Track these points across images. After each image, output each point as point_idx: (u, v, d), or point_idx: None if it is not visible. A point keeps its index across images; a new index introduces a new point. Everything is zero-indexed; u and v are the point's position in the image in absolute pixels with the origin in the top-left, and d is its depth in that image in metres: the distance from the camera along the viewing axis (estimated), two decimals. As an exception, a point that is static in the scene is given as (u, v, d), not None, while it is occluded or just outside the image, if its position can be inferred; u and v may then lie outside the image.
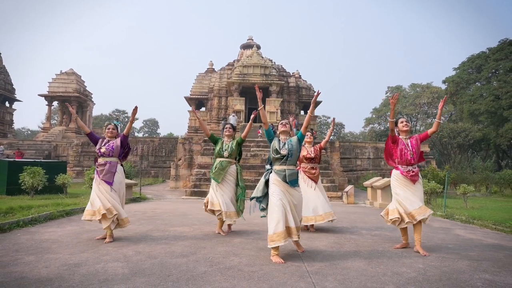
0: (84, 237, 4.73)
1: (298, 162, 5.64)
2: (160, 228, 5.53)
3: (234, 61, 33.58)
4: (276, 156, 3.90)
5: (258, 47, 33.88)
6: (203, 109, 34.41)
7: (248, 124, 5.35)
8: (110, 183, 4.67)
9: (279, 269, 3.28)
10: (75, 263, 3.39)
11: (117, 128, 4.98)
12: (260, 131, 21.03)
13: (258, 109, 4.16)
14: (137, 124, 67.02)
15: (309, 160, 5.65)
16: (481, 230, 6.26)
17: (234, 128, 5.60)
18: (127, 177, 12.66)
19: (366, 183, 11.15)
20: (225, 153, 5.26)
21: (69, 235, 4.92)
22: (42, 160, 13.57)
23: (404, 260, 3.70)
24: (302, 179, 5.55)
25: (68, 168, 16.88)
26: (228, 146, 5.30)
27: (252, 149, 15.19)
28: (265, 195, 3.99)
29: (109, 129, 4.87)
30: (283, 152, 3.85)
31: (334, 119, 6.40)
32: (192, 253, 3.87)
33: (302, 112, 32.77)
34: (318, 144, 5.91)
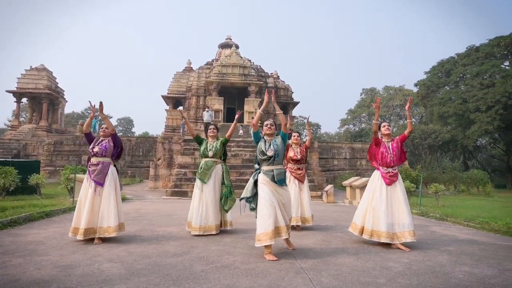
0: (70, 239, 4.64)
1: (285, 161, 5.79)
2: (148, 228, 5.51)
3: (212, 60, 33.44)
4: (263, 157, 4.00)
5: (237, 47, 33.86)
6: (180, 107, 34.07)
7: (233, 124, 5.44)
8: (100, 184, 4.60)
9: (274, 266, 3.39)
10: (68, 265, 3.35)
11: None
12: (243, 131, 21.14)
13: (259, 110, 4.23)
14: (111, 122, 65.27)
15: (296, 161, 5.80)
16: (454, 227, 6.62)
17: (217, 128, 5.66)
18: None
19: (345, 182, 11.47)
20: (210, 153, 5.32)
21: (54, 236, 4.82)
22: (15, 160, 13.06)
23: (389, 256, 3.89)
24: (288, 179, 5.69)
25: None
26: (213, 146, 5.36)
27: (232, 149, 15.23)
28: (255, 195, 4.08)
29: (102, 128, 4.82)
30: (270, 153, 3.95)
31: (308, 118, 6.66)
32: (185, 253, 3.91)
33: (279, 113, 33.11)
34: (304, 144, 6.05)
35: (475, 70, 27.78)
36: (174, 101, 32.97)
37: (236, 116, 5.43)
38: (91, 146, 4.74)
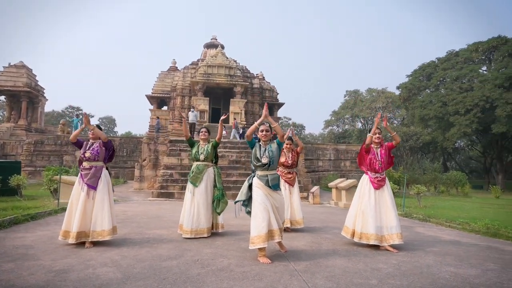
0: (60, 242, 4.59)
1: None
2: (138, 231, 5.49)
3: (198, 60, 33.28)
4: (257, 164, 4.04)
5: (222, 47, 33.78)
6: (165, 107, 33.77)
7: (220, 126, 5.46)
8: (93, 187, 4.57)
9: (269, 268, 3.45)
10: (62, 269, 3.33)
11: (100, 128, 4.85)
12: (226, 132, 21.17)
13: (256, 123, 4.16)
14: (93, 122, 64.01)
15: (287, 166, 5.91)
16: (437, 228, 6.85)
17: (209, 131, 5.65)
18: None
19: (331, 184, 11.65)
20: (201, 157, 5.34)
21: (42, 240, 4.74)
22: (-6, 160, 12.68)
23: (378, 257, 4.02)
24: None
25: (20, 168, 15.84)
26: (204, 149, 5.37)
27: (219, 149, 15.22)
28: (249, 198, 4.14)
29: (91, 131, 4.74)
30: (264, 161, 4.00)
31: (291, 130, 6.54)
32: (179, 256, 3.93)
33: (265, 113, 33.25)
34: (295, 149, 6.14)
35: (454, 74, 28.63)
36: (159, 100, 32.68)
37: (222, 118, 5.47)
38: (81, 151, 4.69)
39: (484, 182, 32.86)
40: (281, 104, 33.52)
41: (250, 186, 4.15)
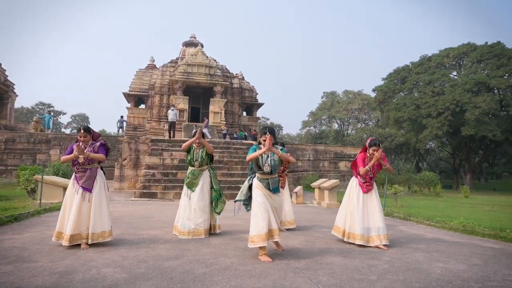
0: (52, 243, 4.51)
1: None
2: (131, 232, 5.46)
3: (177, 59, 32.90)
4: (259, 171, 4.09)
5: (202, 46, 33.55)
6: (142, 106, 33.19)
7: (205, 142, 5.38)
8: (89, 190, 4.50)
9: (271, 267, 3.57)
10: (64, 271, 3.31)
11: (89, 132, 4.66)
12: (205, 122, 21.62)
13: (259, 152, 4.04)
14: (65, 119, 62.07)
15: (278, 172, 6.06)
16: (417, 226, 7.19)
17: (204, 136, 5.61)
18: (65, 178, 11.85)
19: (314, 184, 11.91)
20: (196, 163, 5.35)
21: (34, 241, 4.65)
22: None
23: (371, 255, 4.22)
24: None
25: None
26: (199, 155, 5.35)
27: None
28: (249, 198, 4.24)
29: (80, 137, 4.53)
30: (266, 169, 4.02)
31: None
32: (180, 256, 3.98)
33: (244, 113, 33.32)
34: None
35: (427, 79, 29.78)
36: (136, 98, 32.07)
37: (204, 123, 5.49)
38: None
39: (453, 182, 34.36)
40: (261, 104, 33.70)
41: (250, 187, 4.24)
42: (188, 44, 35.79)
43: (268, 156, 4.08)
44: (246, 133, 28.34)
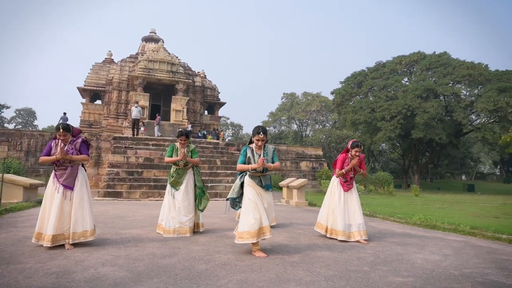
0: (31, 244, 4.30)
1: None
2: (112, 232, 5.31)
3: (136, 54, 31.88)
4: (251, 170, 4.14)
5: (163, 42, 32.77)
6: (99, 102, 31.75)
7: (194, 160, 5.41)
8: (70, 188, 4.33)
9: (268, 261, 3.69)
10: (60, 271, 3.20)
11: (69, 131, 4.42)
12: (144, 129, 21.47)
13: (252, 167, 4.10)
14: (8, 113, 57.57)
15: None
16: (384, 222, 7.67)
17: (187, 137, 5.55)
18: (17, 175, 11.12)
19: (282, 183, 12.19)
20: (181, 163, 5.31)
21: (8, 243, 4.38)
22: None
23: (356, 249, 4.50)
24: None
25: None
26: (183, 151, 5.32)
27: (168, 148, 14.92)
28: (241, 196, 4.32)
29: (60, 135, 4.32)
30: (259, 168, 4.09)
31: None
32: (173, 254, 3.97)
33: (206, 112, 33.08)
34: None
35: (381, 84, 31.49)
36: (92, 94, 30.65)
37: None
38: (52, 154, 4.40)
39: (403, 182, 36.68)
40: (223, 104, 33.66)
41: (242, 185, 4.31)
42: (148, 39, 34.80)
43: (260, 155, 4.19)
44: (205, 132, 28.15)
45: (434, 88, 28.39)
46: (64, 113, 24.88)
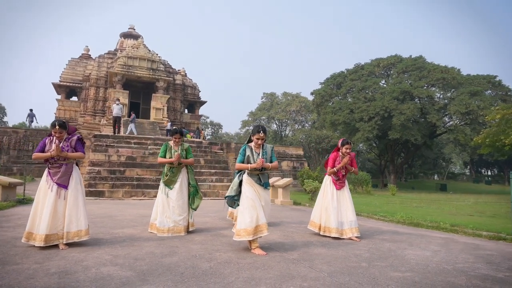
0: (22, 244, 4.18)
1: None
2: (104, 231, 5.21)
3: (115, 50, 31.19)
4: (250, 169, 4.19)
5: (143, 39, 32.16)
6: (74, 98, 30.84)
7: (188, 160, 5.38)
8: (64, 187, 4.26)
9: (269, 259, 3.75)
10: (61, 272, 3.13)
11: (65, 128, 4.34)
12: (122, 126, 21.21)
13: (251, 166, 4.15)
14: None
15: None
16: (369, 220, 7.89)
17: (182, 134, 5.53)
18: None
19: (267, 182, 12.27)
20: (175, 162, 5.28)
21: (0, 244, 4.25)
22: None
23: (350, 246, 4.63)
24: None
25: None
26: (177, 153, 5.26)
27: (150, 146, 14.70)
28: (239, 193, 4.36)
29: (56, 132, 4.24)
30: (257, 168, 4.18)
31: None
32: (173, 253, 3.96)
33: (186, 111, 32.75)
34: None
35: (360, 85, 32.17)
36: (68, 90, 29.77)
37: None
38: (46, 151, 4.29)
39: (379, 181, 37.63)
40: (203, 102, 33.46)
41: (240, 183, 4.36)
42: (126, 35, 34.10)
43: (259, 154, 4.25)
44: (185, 130, 27.82)
45: (410, 91, 29.27)
46: (31, 110, 23.96)
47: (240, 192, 4.34)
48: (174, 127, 5.57)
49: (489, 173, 67.98)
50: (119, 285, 2.81)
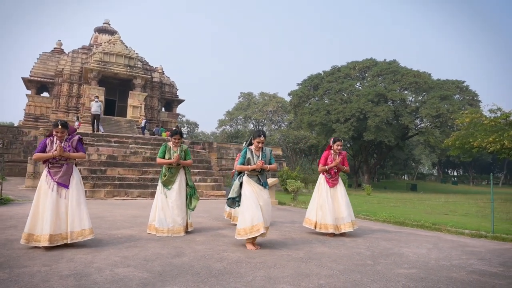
0: (20, 246, 4.06)
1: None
2: (101, 233, 5.11)
3: (90, 45, 30.22)
4: (251, 171, 4.41)
5: (117, 33, 31.27)
6: (46, 94, 29.62)
7: (186, 162, 5.42)
8: (65, 186, 4.22)
9: (278, 258, 3.84)
10: (75, 274, 3.09)
11: (67, 128, 4.33)
12: (79, 123, 20.95)
13: (251, 168, 4.38)
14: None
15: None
16: (357, 220, 8.12)
17: (181, 135, 5.55)
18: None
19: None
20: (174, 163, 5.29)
21: (-6, 246, 4.10)
22: None
23: (350, 244, 4.80)
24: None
25: None
26: (177, 154, 5.28)
27: (131, 145, 14.41)
28: (240, 195, 4.51)
29: (58, 132, 4.22)
30: (258, 169, 4.40)
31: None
32: (180, 253, 3.97)
33: (163, 109, 32.24)
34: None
35: (337, 87, 32.88)
36: (39, 85, 28.54)
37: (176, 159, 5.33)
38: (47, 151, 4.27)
39: (353, 181, 38.63)
40: (181, 101, 33.05)
41: (241, 184, 4.53)
42: (101, 30, 33.12)
43: (259, 156, 4.47)
44: (158, 129, 27.29)
45: (385, 94, 30.25)
46: None
47: (241, 193, 4.48)
48: (174, 128, 5.59)
49: (455, 173, 71.46)
50: (140, 286, 2.81)
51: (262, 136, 4.44)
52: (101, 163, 12.83)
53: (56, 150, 4.12)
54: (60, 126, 4.19)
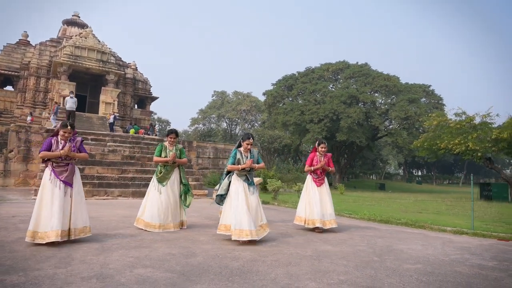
0: (19, 248, 3.91)
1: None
2: (100, 233, 5.00)
3: (59, 38, 28.94)
4: (240, 170, 4.77)
5: (87, 27, 30.14)
6: (9, 87, 28.03)
7: (182, 160, 5.64)
8: (70, 185, 4.35)
9: (291, 256, 3.95)
10: (96, 275, 3.05)
11: (74, 128, 4.51)
12: (32, 118, 20.50)
13: (242, 167, 4.78)
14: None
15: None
16: (343, 218, 8.37)
17: (177, 135, 5.72)
18: None
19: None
20: (170, 162, 5.47)
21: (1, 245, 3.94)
22: None
23: (349, 242, 5.00)
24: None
25: None
26: (173, 153, 5.48)
27: (108, 143, 14.00)
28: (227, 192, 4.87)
29: (66, 132, 4.36)
30: (247, 168, 4.79)
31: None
32: (192, 253, 3.99)
33: (136, 106, 31.46)
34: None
35: (311, 88, 33.51)
36: (3, 78, 27.05)
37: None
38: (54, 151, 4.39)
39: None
40: (155, 98, 32.42)
41: (230, 183, 4.84)
42: (70, 22, 31.80)
43: (247, 157, 4.85)
44: (131, 126, 26.55)
45: (356, 96, 31.20)
46: None
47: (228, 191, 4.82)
48: (171, 128, 5.73)
49: (420, 173, 74.94)
50: (169, 285, 2.83)
51: (251, 138, 4.90)
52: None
53: (63, 149, 4.24)
54: (69, 127, 4.36)
